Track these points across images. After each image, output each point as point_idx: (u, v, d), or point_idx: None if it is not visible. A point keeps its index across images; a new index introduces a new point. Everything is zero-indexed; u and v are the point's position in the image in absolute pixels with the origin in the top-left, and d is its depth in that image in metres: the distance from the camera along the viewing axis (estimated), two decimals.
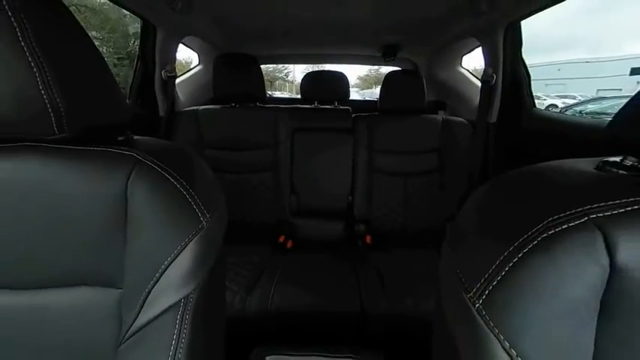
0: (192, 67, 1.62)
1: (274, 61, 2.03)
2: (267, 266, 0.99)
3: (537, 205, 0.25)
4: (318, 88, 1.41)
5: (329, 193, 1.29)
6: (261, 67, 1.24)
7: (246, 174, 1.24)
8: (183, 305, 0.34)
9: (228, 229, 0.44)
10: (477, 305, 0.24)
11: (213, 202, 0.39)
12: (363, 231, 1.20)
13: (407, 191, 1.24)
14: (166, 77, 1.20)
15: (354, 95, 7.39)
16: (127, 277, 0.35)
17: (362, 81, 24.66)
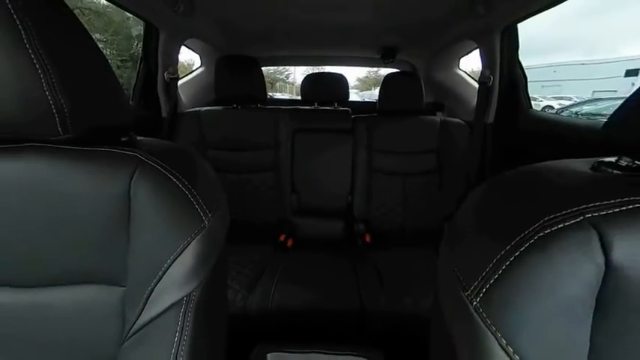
0: (194, 68, 1.63)
1: (275, 63, 2.04)
2: (268, 265, 1.00)
3: (534, 204, 0.25)
4: (318, 89, 1.42)
5: (329, 193, 1.30)
6: (262, 68, 1.25)
7: (247, 174, 1.25)
8: (185, 303, 0.34)
9: (229, 229, 0.45)
10: (475, 303, 0.24)
11: (215, 201, 0.40)
12: (362, 230, 1.20)
13: (406, 191, 1.25)
14: (169, 79, 1.20)
15: (354, 96, 7.38)
16: (131, 275, 0.35)
17: (361, 82, 24.70)
